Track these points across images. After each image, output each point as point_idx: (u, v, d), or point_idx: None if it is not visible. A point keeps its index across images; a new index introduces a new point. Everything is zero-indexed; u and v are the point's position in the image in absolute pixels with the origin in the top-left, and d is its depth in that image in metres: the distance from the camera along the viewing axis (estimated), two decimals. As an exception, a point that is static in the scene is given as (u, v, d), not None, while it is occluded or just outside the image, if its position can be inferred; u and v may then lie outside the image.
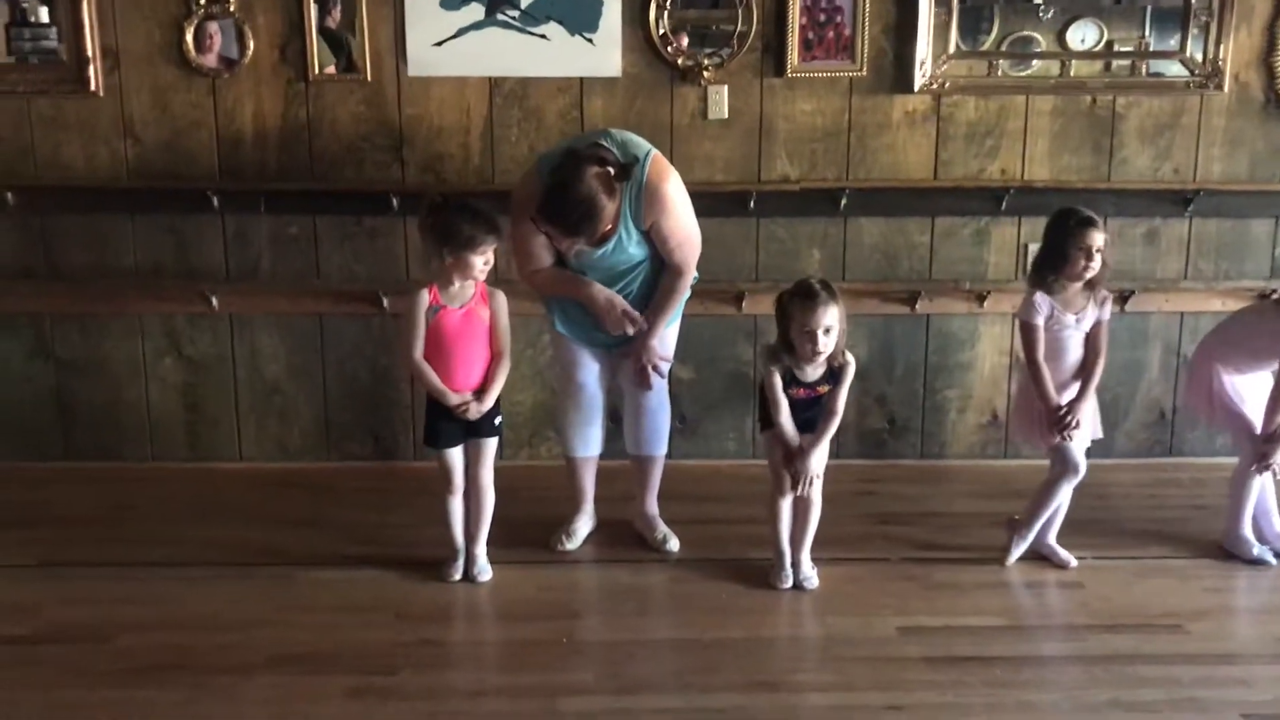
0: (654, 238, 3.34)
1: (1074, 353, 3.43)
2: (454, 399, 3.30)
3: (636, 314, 3.42)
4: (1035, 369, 3.41)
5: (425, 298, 3.27)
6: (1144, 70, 4.24)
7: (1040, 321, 3.39)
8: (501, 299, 3.37)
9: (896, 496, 4.16)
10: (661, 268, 3.43)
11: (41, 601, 3.28)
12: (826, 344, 3.20)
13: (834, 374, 3.31)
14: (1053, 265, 3.39)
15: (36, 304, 4.25)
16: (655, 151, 3.30)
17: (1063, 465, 3.43)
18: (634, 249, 3.34)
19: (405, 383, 4.34)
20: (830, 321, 3.19)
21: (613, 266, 3.37)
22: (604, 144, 3.22)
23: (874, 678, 2.87)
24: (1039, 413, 3.44)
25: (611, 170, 3.15)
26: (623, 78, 4.11)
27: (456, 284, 3.28)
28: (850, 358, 3.33)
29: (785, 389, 3.31)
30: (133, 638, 3.07)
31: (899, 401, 4.45)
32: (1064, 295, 3.39)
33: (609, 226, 3.22)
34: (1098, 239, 3.33)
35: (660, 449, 3.72)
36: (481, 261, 3.23)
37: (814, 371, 3.30)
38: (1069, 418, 3.38)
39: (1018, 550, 3.53)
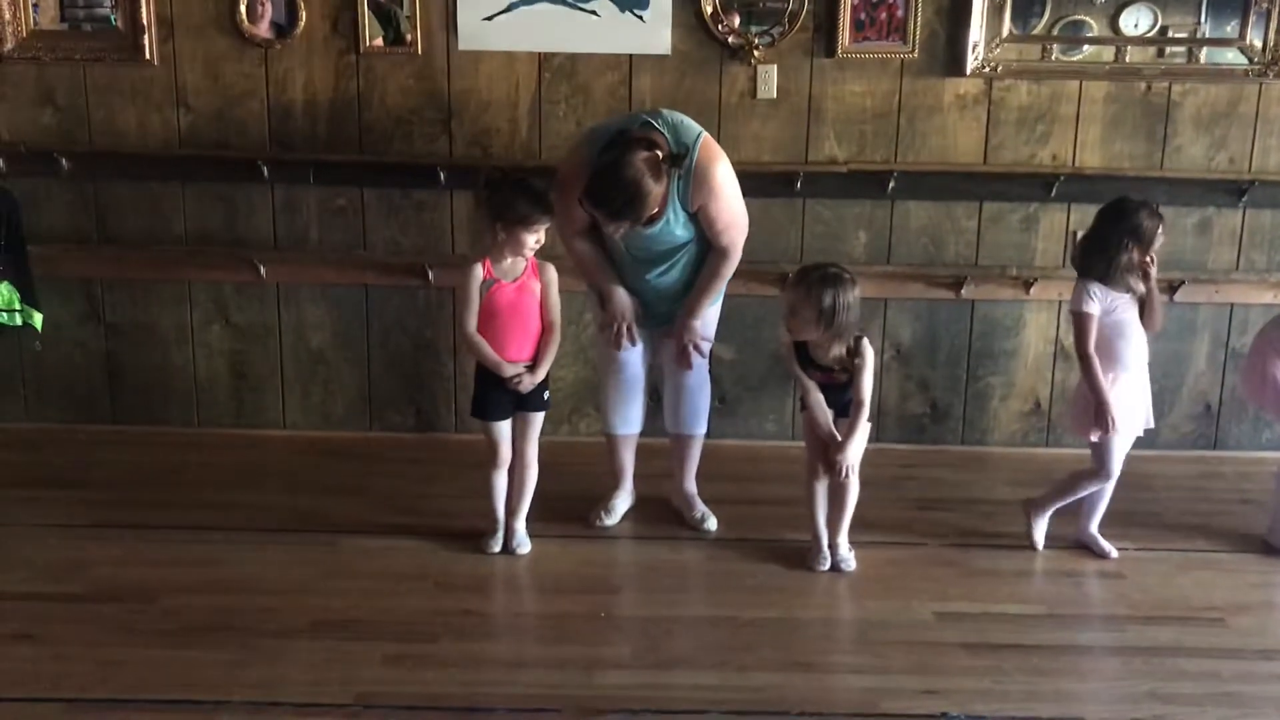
0: (701, 220, 3.33)
1: (1137, 334, 3.39)
2: (508, 370, 3.33)
3: (633, 334, 3.50)
4: (1087, 361, 3.35)
5: (479, 271, 3.29)
6: (1201, 57, 4.16)
7: (1096, 311, 3.35)
8: (552, 272, 3.39)
9: (936, 482, 4.15)
10: (707, 248, 3.43)
11: (91, 561, 3.35)
12: (805, 331, 3.23)
13: (849, 361, 3.29)
14: (1115, 259, 3.33)
15: (88, 269, 4.32)
16: (706, 134, 3.29)
17: (1101, 465, 3.41)
18: (680, 230, 3.33)
19: (448, 355, 4.38)
20: (800, 316, 3.20)
21: (658, 246, 3.37)
22: (656, 125, 3.21)
23: (911, 661, 2.87)
24: (1087, 405, 3.40)
25: (660, 154, 3.13)
26: (672, 55, 4.10)
27: (509, 259, 3.30)
28: (866, 344, 3.28)
29: (804, 369, 3.32)
30: (179, 599, 3.13)
31: (941, 387, 4.43)
32: (1117, 280, 3.36)
33: (656, 209, 3.22)
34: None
35: (700, 428, 3.73)
36: (534, 239, 3.24)
37: (826, 355, 3.28)
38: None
39: (1039, 530, 3.53)
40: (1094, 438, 3.40)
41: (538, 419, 3.46)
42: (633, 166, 3.06)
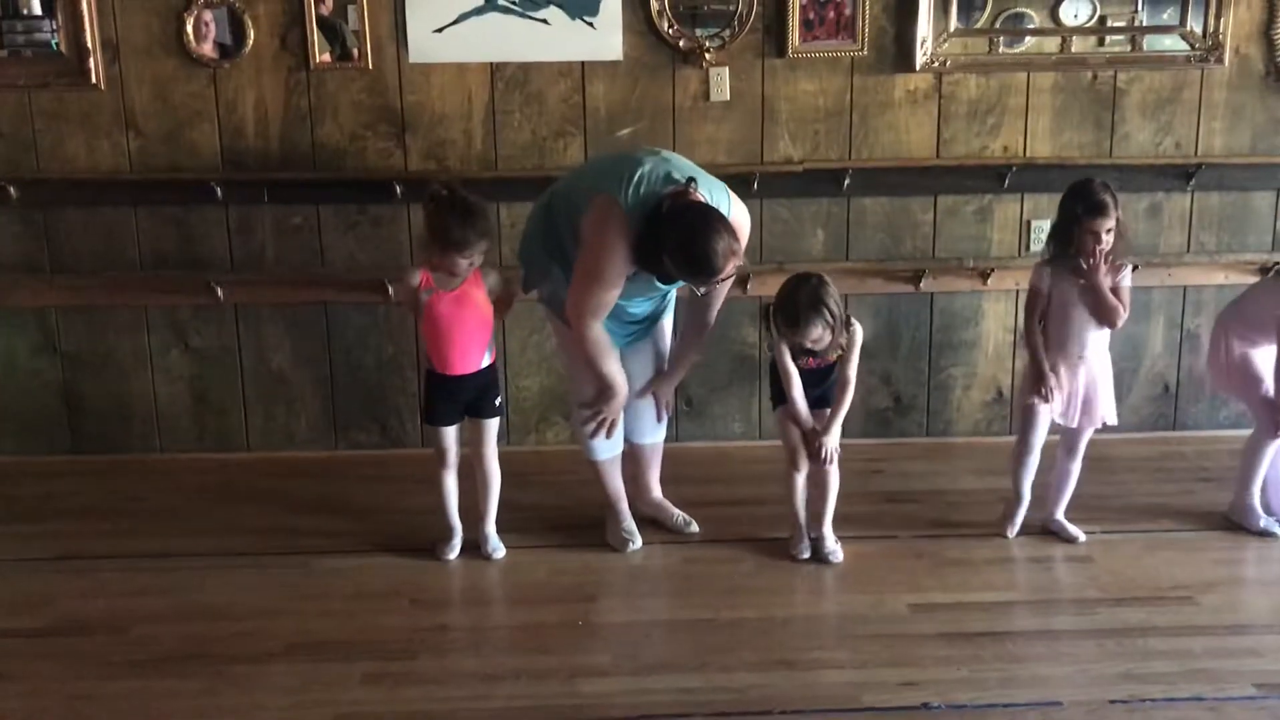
0: None
1: (1082, 324, 3.44)
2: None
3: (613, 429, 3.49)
4: (1026, 326, 3.52)
5: (417, 277, 3.32)
6: (1143, 45, 4.23)
7: (1043, 286, 3.45)
8: (495, 277, 3.41)
9: (903, 474, 4.18)
10: None
11: (57, 594, 3.30)
12: (819, 345, 3.30)
13: (841, 341, 3.35)
14: (1072, 235, 3.40)
15: (41, 298, 4.25)
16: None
17: (1019, 436, 3.59)
18: None
19: (410, 370, 4.35)
20: (814, 336, 3.24)
21: (662, 296, 3.45)
22: (694, 184, 3.08)
23: (889, 654, 2.89)
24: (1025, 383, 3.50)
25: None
26: (624, 61, 4.10)
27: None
28: (857, 325, 3.38)
29: (795, 359, 3.34)
30: (149, 628, 3.09)
31: (904, 380, 4.46)
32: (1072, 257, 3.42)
33: None
34: (1106, 224, 3.36)
35: (663, 434, 3.74)
36: (465, 264, 3.26)
37: (821, 341, 3.32)
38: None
39: (1015, 523, 3.60)
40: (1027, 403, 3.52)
41: (492, 425, 3.48)
42: (720, 229, 2.97)
